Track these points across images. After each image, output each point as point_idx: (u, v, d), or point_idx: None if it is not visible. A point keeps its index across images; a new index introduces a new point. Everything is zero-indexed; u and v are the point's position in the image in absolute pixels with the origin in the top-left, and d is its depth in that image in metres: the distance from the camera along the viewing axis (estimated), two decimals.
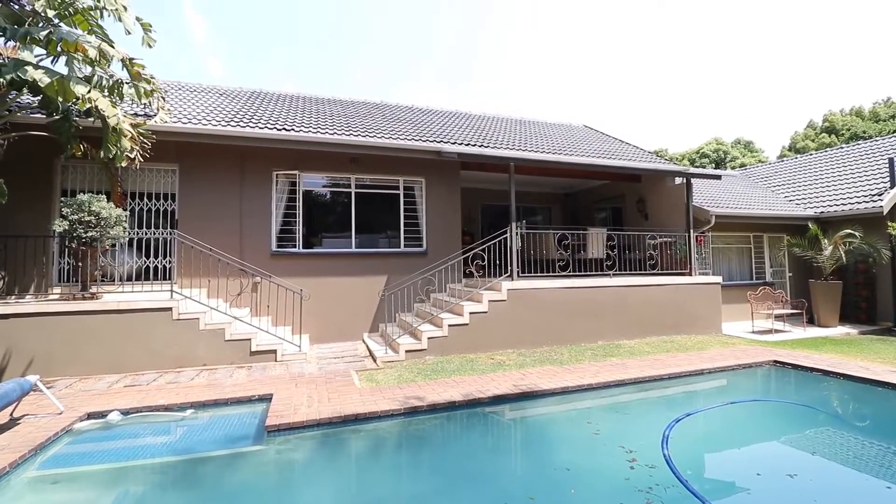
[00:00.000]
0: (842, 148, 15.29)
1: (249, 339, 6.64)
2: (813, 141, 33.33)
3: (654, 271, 9.25)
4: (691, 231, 9.59)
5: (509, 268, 8.02)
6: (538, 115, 16.00)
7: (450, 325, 7.32)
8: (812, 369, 6.39)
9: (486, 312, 7.56)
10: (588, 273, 8.77)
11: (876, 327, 10.22)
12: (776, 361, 6.86)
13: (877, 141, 14.23)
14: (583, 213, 14.22)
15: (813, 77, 57.17)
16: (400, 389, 5.34)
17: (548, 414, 5.22)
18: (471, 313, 7.47)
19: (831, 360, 6.89)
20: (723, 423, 5.10)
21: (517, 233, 8.16)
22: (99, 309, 6.11)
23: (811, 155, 16.31)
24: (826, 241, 10.65)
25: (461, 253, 8.93)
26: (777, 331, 9.77)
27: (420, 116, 12.08)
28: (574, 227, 9.25)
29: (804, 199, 12.83)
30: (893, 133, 21.08)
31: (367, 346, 7.77)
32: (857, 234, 10.28)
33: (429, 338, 7.17)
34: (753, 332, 9.65)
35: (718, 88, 63.53)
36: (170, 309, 6.35)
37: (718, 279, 9.61)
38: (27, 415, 4.56)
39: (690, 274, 9.43)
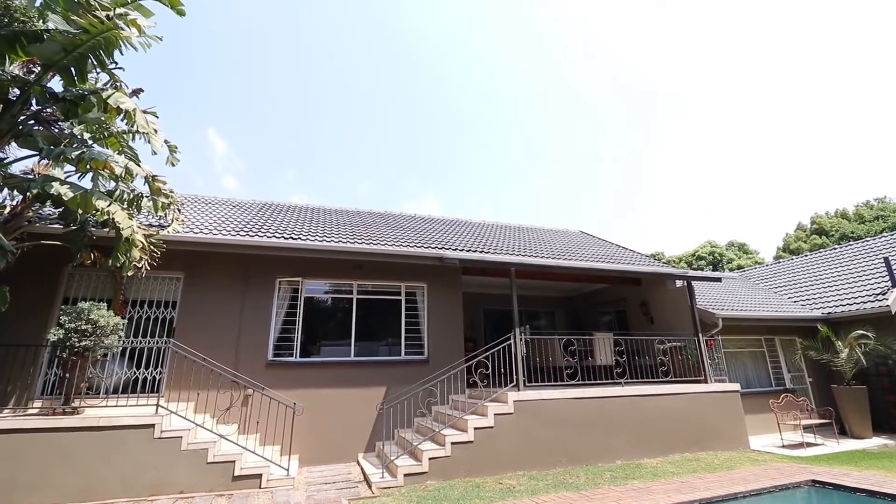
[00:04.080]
0: (835, 248, 15.64)
1: (234, 462, 6.07)
2: (805, 242, 34.24)
3: (667, 378, 8.74)
4: (700, 335, 9.32)
5: (514, 376, 7.61)
6: (535, 222, 16.69)
7: (453, 443, 6.74)
8: (856, 489, 5.72)
9: (491, 427, 7.01)
10: (598, 381, 8.31)
11: None
12: (814, 481, 6.17)
13: (867, 241, 14.64)
14: (586, 317, 14.01)
15: (797, 181, 60.77)
16: None
17: None
18: (475, 429, 6.93)
19: (874, 477, 6.24)
20: None
21: (521, 338, 7.92)
22: (77, 426, 5.69)
23: (806, 256, 16.67)
24: (840, 343, 10.33)
25: (464, 361, 8.58)
26: (809, 444, 8.98)
27: (422, 224, 12.57)
28: (579, 333, 9.01)
29: (808, 299, 12.75)
30: (881, 233, 21.78)
31: (362, 469, 7.07)
32: (869, 334, 10.01)
33: (430, 458, 6.55)
34: (783, 445, 8.87)
35: (708, 194, 67.19)
36: (152, 426, 5.90)
37: (736, 386, 9.05)
38: None
39: (706, 381, 8.94)
